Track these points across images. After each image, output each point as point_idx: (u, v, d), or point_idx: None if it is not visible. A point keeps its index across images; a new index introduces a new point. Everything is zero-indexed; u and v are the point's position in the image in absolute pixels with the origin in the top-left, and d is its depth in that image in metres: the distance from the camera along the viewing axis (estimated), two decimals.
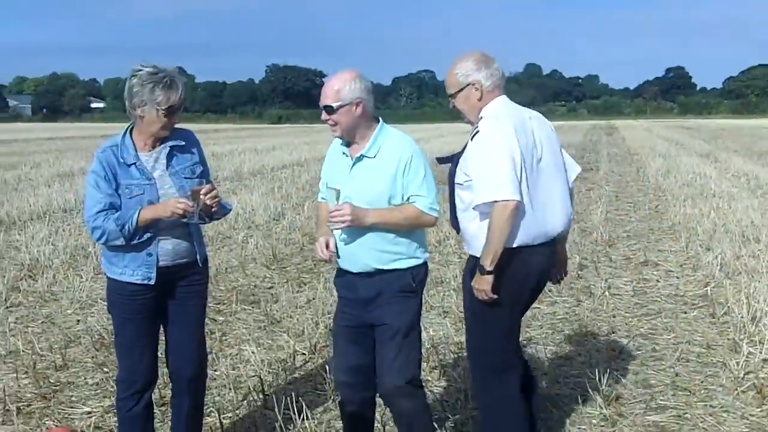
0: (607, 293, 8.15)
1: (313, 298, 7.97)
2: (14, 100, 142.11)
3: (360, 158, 4.08)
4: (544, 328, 7.06)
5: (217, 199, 4.08)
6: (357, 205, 3.98)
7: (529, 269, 4.16)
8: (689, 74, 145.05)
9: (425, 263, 4.22)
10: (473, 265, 4.13)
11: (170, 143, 4.13)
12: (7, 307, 7.79)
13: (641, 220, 13.14)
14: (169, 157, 4.13)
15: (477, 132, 4.08)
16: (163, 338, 4.35)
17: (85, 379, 5.92)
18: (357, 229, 4.04)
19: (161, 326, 4.32)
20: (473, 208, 4.05)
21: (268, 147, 35.24)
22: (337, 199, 4.04)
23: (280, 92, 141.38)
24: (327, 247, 4.18)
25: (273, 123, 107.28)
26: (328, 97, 4.03)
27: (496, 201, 3.89)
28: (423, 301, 4.39)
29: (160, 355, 4.35)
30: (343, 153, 4.18)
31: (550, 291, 8.20)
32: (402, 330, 4.09)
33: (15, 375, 5.91)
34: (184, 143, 4.19)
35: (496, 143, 3.97)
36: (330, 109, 4.02)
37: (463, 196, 4.15)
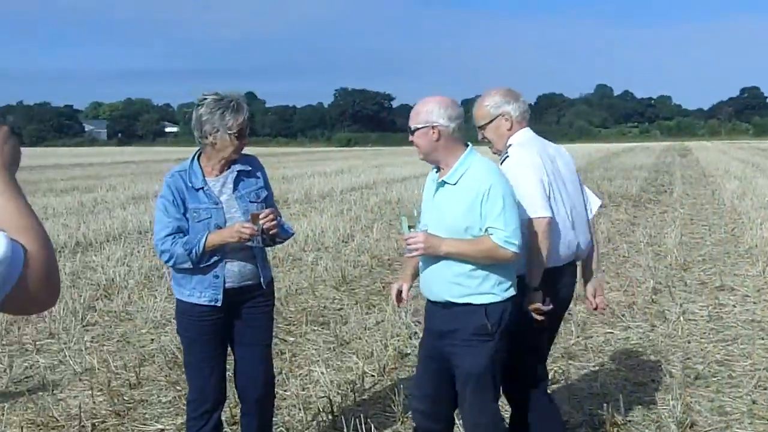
0: (681, 318, 7.98)
1: (382, 320, 7.97)
2: (90, 124, 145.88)
3: (442, 184, 4.03)
4: (617, 354, 6.95)
5: (274, 222, 4.12)
6: (434, 232, 3.94)
7: (558, 289, 4.28)
8: (764, 94, 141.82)
9: (507, 301, 4.00)
10: None
11: (237, 168, 4.23)
12: (83, 326, 7.96)
13: (717, 244, 12.86)
14: (236, 181, 4.21)
15: (506, 157, 4.26)
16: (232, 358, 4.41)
17: (159, 397, 6.01)
18: (433, 257, 4.00)
19: (229, 347, 4.39)
20: None
21: (337, 170, 35.49)
22: (411, 226, 4.00)
23: (348, 116, 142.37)
24: (399, 294, 4.33)
25: (342, 146, 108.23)
26: (411, 119, 4.10)
27: (530, 218, 4.05)
28: (505, 341, 4.09)
29: (229, 375, 4.41)
30: (433, 178, 4.16)
31: (623, 316, 8.10)
32: (474, 376, 4.00)
33: (90, 392, 6.02)
34: (250, 168, 4.29)
35: (526, 166, 4.18)
36: (411, 131, 4.08)
37: None
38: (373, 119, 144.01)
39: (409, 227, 3.98)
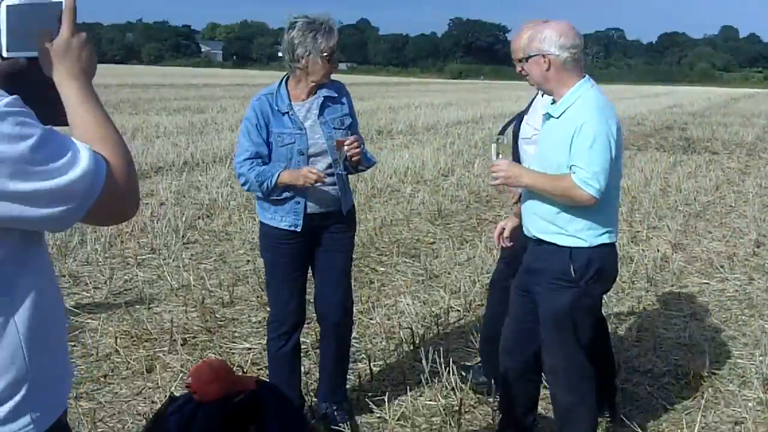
0: None
1: (474, 257, 7.98)
2: (207, 45, 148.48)
3: (548, 116, 3.91)
4: (710, 305, 6.80)
5: (358, 150, 4.11)
6: (533, 167, 3.90)
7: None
8: None
9: (597, 248, 3.80)
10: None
11: (324, 93, 4.23)
12: (183, 244, 8.22)
13: None
14: (322, 107, 4.22)
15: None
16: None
17: (249, 316, 6.19)
18: (527, 191, 3.94)
19: (311, 271, 4.49)
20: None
21: (446, 102, 35.26)
22: (499, 154, 3.94)
23: (462, 47, 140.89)
24: (500, 235, 4.35)
25: (454, 78, 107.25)
26: (517, 48, 4.04)
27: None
28: (595, 293, 3.99)
29: (309, 298, 4.51)
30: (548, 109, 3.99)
31: (722, 267, 7.90)
32: (553, 317, 3.86)
33: (184, 308, 6.25)
34: (336, 94, 4.27)
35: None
36: (522, 59, 4.00)
37: (529, 150, 4.11)
38: (486, 51, 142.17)
39: (498, 155, 3.92)
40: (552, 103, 3.92)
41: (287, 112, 4.18)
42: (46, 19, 1.70)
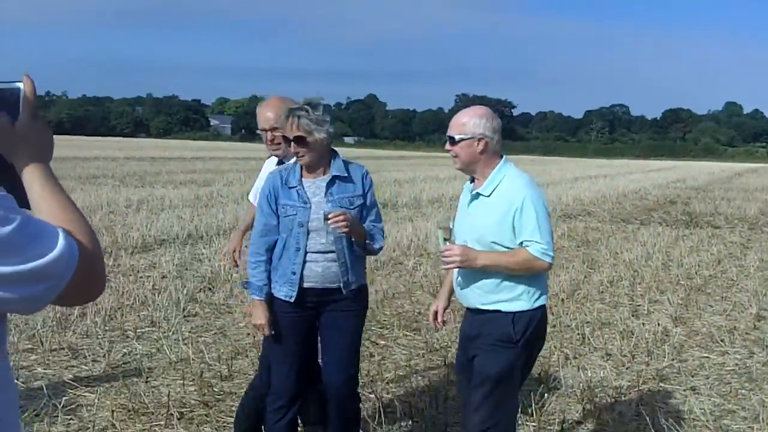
0: None
1: None
2: (215, 119, 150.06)
3: (476, 195, 4.10)
4: (710, 379, 6.77)
5: (342, 224, 4.16)
6: (465, 243, 4.01)
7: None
8: None
9: (536, 311, 4.04)
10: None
11: (334, 172, 4.36)
12: (184, 317, 8.23)
13: None
14: (330, 184, 4.34)
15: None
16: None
17: (248, 390, 6.16)
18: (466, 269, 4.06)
19: (314, 345, 4.53)
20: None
21: (450, 176, 35.43)
22: (447, 239, 4.04)
23: None
24: (436, 315, 4.41)
25: None
26: (452, 128, 4.13)
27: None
28: (531, 354, 4.18)
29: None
30: (468, 189, 4.23)
31: (722, 341, 7.88)
32: (490, 378, 3.98)
33: (182, 382, 6.24)
34: (347, 174, 4.38)
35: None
36: (452, 140, 4.10)
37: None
38: None
39: (445, 240, 4.04)
40: (471, 182, 4.17)
41: (295, 187, 4.33)
42: (4, 104, 1.72)
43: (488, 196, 4.04)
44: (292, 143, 4.27)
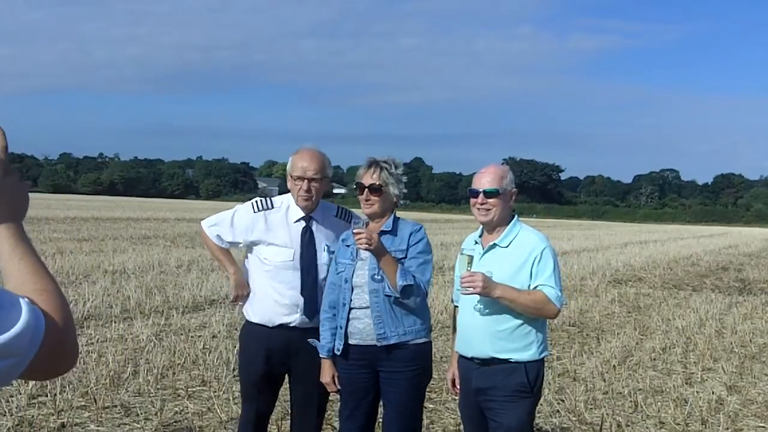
0: None
1: None
2: (263, 182, 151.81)
3: (492, 246, 4.26)
4: None
5: (362, 241, 4.21)
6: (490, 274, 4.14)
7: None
8: None
9: (542, 362, 4.28)
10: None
11: (383, 228, 4.49)
12: (234, 376, 8.22)
13: None
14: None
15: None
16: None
17: None
18: (480, 311, 4.18)
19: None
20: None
21: None
22: (469, 265, 4.20)
23: (515, 185, 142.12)
24: (453, 383, 4.57)
25: None
26: (491, 182, 4.26)
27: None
28: (538, 403, 4.44)
29: None
30: (475, 242, 4.38)
31: None
32: (513, 429, 4.13)
33: None
34: (391, 228, 4.49)
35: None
36: (493, 193, 4.24)
37: None
38: (539, 189, 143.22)
39: (467, 267, 4.22)
40: (480, 236, 4.38)
41: (349, 245, 4.46)
42: None
43: (506, 246, 4.22)
44: (366, 190, 4.39)
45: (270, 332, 4.74)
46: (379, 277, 4.33)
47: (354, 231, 4.31)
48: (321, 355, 4.57)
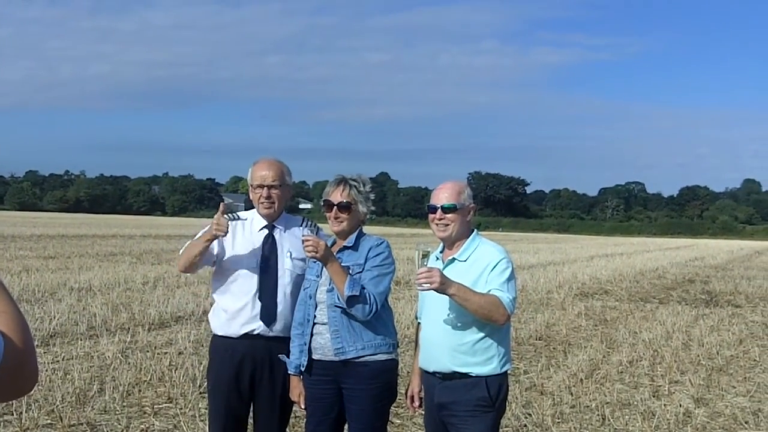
0: None
1: None
2: (229, 197, 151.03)
3: (452, 261, 4.27)
4: None
5: (309, 248, 4.25)
6: (438, 305, 4.18)
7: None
8: None
9: (504, 376, 4.24)
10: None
11: (346, 243, 4.51)
12: (200, 393, 8.15)
13: None
14: (338, 254, 4.48)
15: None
16: None
17: None
18: (442, 326, 4.18)
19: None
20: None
21: None
22: (425, 260, 4.14)
23: (481, 199, 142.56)
24: (412, 400, 4.56)
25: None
26: (449, 197, 4.27)
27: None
28: (501, 417, 4.39)
29: None
30: (437, 257, 4.36)
31: (746, 422, 7.79)
32: None
33: None
34: (352, 244, 4.50)
35: None
36: (451, 208, 4.25)
37: None
38: (505, 204, 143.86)
39: (423, 263, 4.12)
40: (441, 251, 4.37)
41: (315, 261, 4.44)
42: None
43: (465, 260, 4.23)
44: (335, 208, 4.38)
45: (234, 343, 4.69)
46: (330, 287, 4.35)
47: (302, 236, 4.32)
48: (289, 372, 4.55)
